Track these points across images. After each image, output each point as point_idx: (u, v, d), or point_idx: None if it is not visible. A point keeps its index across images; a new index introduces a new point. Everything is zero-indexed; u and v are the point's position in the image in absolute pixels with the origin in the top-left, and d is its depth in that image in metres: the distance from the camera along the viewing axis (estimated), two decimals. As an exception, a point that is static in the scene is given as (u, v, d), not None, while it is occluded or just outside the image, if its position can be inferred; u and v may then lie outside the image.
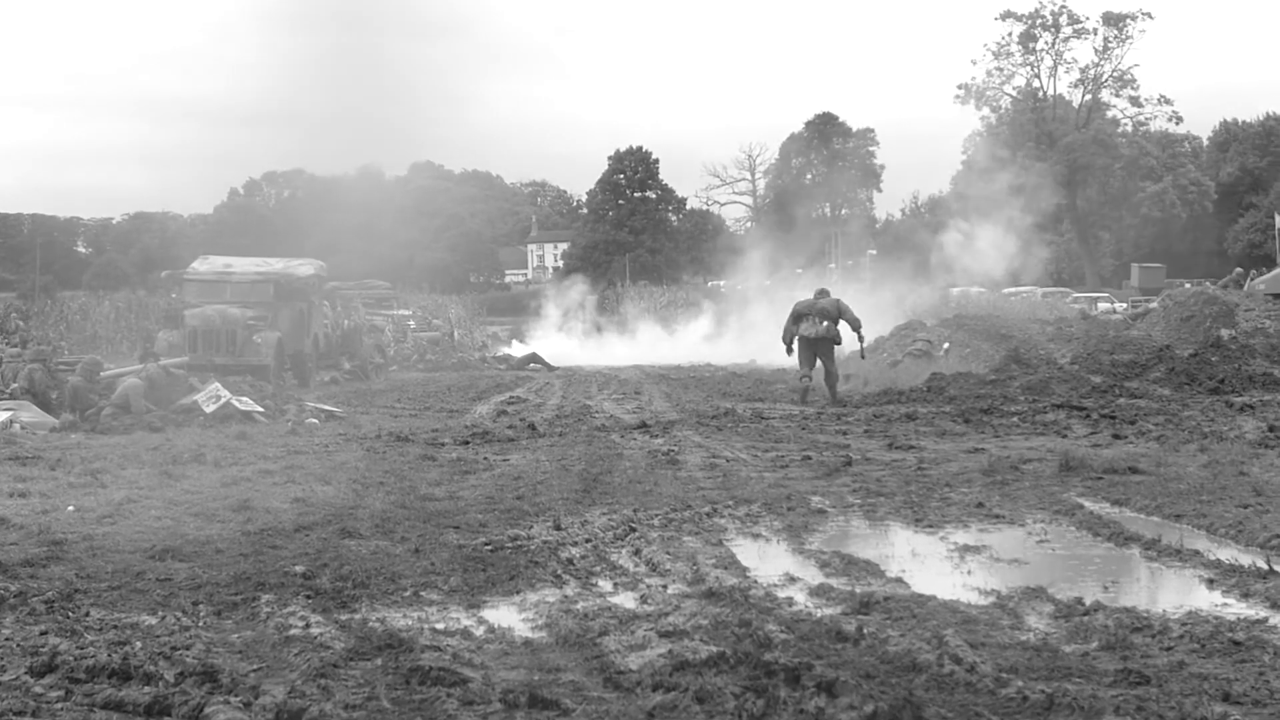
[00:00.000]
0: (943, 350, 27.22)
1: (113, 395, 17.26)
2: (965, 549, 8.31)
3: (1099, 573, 7.68)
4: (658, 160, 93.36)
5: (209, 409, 16.95)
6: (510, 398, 22.63)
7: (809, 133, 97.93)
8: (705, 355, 36.42)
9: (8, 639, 5.99)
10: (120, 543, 8.44)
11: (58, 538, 8.54)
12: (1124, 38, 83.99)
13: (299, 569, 7.52)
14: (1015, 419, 16.65)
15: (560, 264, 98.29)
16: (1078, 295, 58.20)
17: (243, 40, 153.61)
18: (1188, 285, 48.62)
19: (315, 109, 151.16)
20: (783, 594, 6.97)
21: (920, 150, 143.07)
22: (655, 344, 41.10)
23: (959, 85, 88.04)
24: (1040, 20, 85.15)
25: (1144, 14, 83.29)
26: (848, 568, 7.62)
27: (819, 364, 20.55)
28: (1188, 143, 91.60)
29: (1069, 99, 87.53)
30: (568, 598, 6.92)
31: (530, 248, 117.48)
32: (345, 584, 7.18)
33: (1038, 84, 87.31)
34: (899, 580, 7.27)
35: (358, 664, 5.59)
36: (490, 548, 8.25)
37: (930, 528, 9.15)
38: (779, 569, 7.68)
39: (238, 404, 17.39)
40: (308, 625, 6.27)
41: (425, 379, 29.19)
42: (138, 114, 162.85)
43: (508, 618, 6.55)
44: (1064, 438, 14.56)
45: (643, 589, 7.12)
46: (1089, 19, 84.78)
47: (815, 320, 20.58)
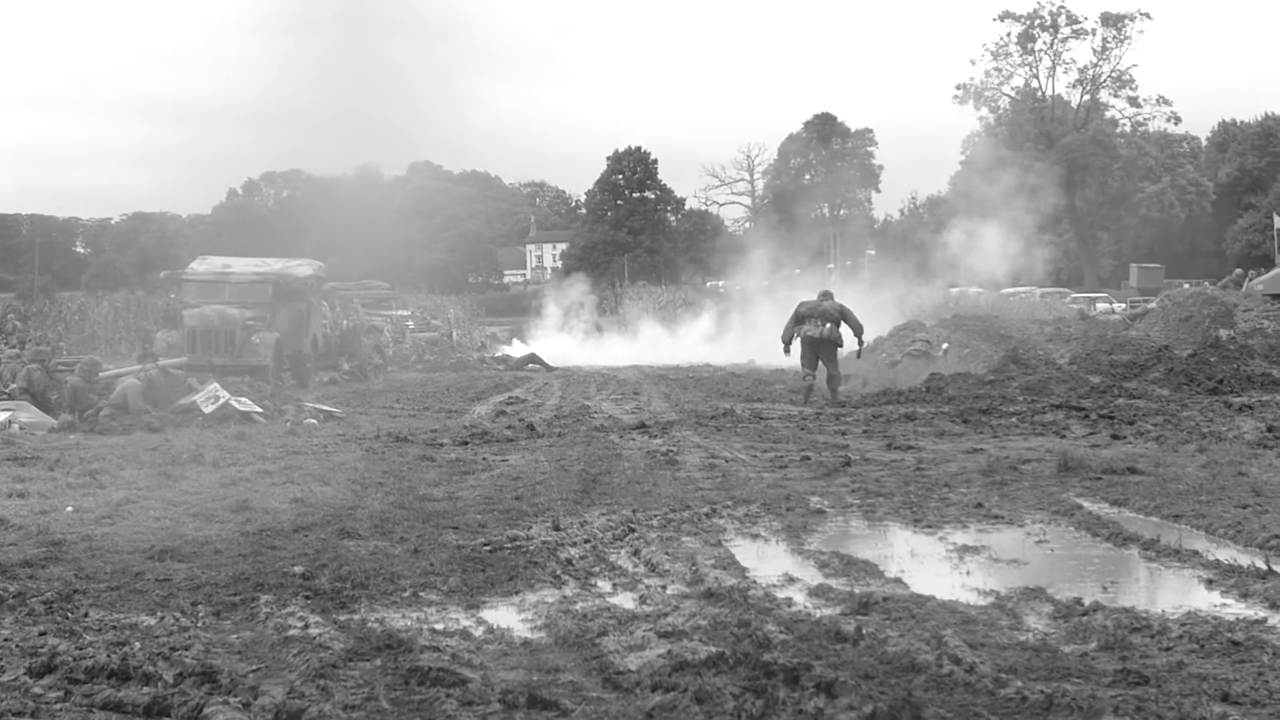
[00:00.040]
0: (941, 351, 27.23)
1: (111, 396, 17.27)
2: (964, 549, 8.31)
3: (1098, 573, 7.69)
4: (656, 160, 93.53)
5: (208, 409, 16.96)
6: (509, 398, 22.63)
7: (808, 133, 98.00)
8: (706, 356, 36.37)
9: (7, 640, 5.99)
10: (119, 543, 8.44)
11: (56, 538, 8.54)
12: (1122, 38, 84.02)
13: (298, 569, 7.52)
14: (1014, 419, 16.65)
15: (559, 264, 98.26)
16: (1076, 296, 58.21)
17: (241, 40, 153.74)
18: (1186, 286, 48.67)
19: (314, 109, 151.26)
20: (782, 594, 6.97)
21: (919, 150, 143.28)
22: (655, 344, 41.04)
23: (957, 85, 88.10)
24: (1039, 21, 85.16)
25: (1142, 14, 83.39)
26: (847, 568, 7.62)
27: (820, 365, 20.63)
28: (1186, 143, 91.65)
29: (1067, 99, 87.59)
30: (567, 598, 6.92)
31: (529, 248, 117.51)
32: (344, 584, 7.18)
33: (1036, 84, 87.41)
34: (898, 581, 7.28)
35: (357, 664, 5.59)
36: (489, 548, 8.25)
37: (929, 528, 9.15)
38: (778, 569, 7.68)
39: (236, 404, 17.39)
40: (307, 626, 6.27)
41: (424, 379, 29.18)
42: (137, 114, 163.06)
43: (507, 618, 6.55)
44: (1063, 438, 14.57)
45: (642, 589, 7.12)
46: (1087, 19, 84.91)
47: (818, 322, 20.61)
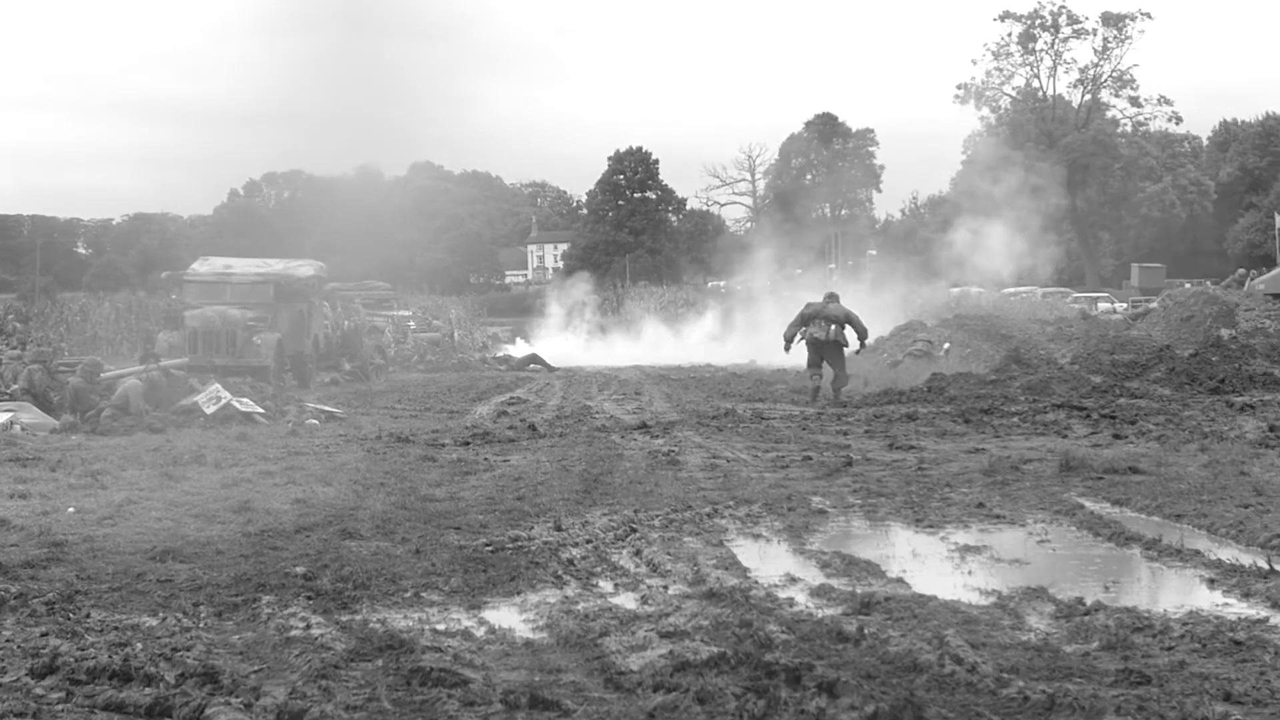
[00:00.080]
0: (943, 350, 27.23)
1: (112, 397, 17.27)
2: (966, 549, 8.31)
3: (1100, 573, 7.69)
4: (657, 161, 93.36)
5: (209, 410, 16.96)
6: (510, 398, 22.63)
7: (809, 133, 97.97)
8: (710, 356, 36.39)
9: (8, 640, 5.99)
10: (121, 544, 8.45)
11: (58, 539, 8.54)
12: (1123, 38, 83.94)
13: (300, 570, 7.52)
14: (1015, 419, 16.65)
15: (560, 265, 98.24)
16: (1078, 295, 58.20)
17: (242, 41, 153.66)
18: (1188, 285, 48.65)
19: (314, 109, 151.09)
20: (783, 594, 6.97)
21: (920, 150, 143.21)
22: (659, 344, 41.02)
23: (958, 85, 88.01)
24: (1039, 20, 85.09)
25: (1143, 14, 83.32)
26: (848, 568, 7.62)
27: (826, 367, 20.72)
28: (1187, 143, 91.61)
29: (1068, 99, 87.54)
30: (568, 598, 6.92)
31: (530, 248, 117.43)
32: (346, 585, 7.18)
33: (1037, 84, 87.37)
34: (900, 580, 7.28)
35: (359, 665, 5.59)
36: (491, 549, 8.26)
37: (931, 528, 9.15)
38: (780, 569, 7.68)
39: (238, 405, 17.40)
40: (308, 626, 6.27)
41: (425, 380, 29.19)
42: (137, 115, 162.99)
43: (509, 618, 6.55)
44: (1064, 438, 14.57)
45: (643, 590, 7.12)
46: (1088, 19, 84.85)
47: (823, 324, 20.65)
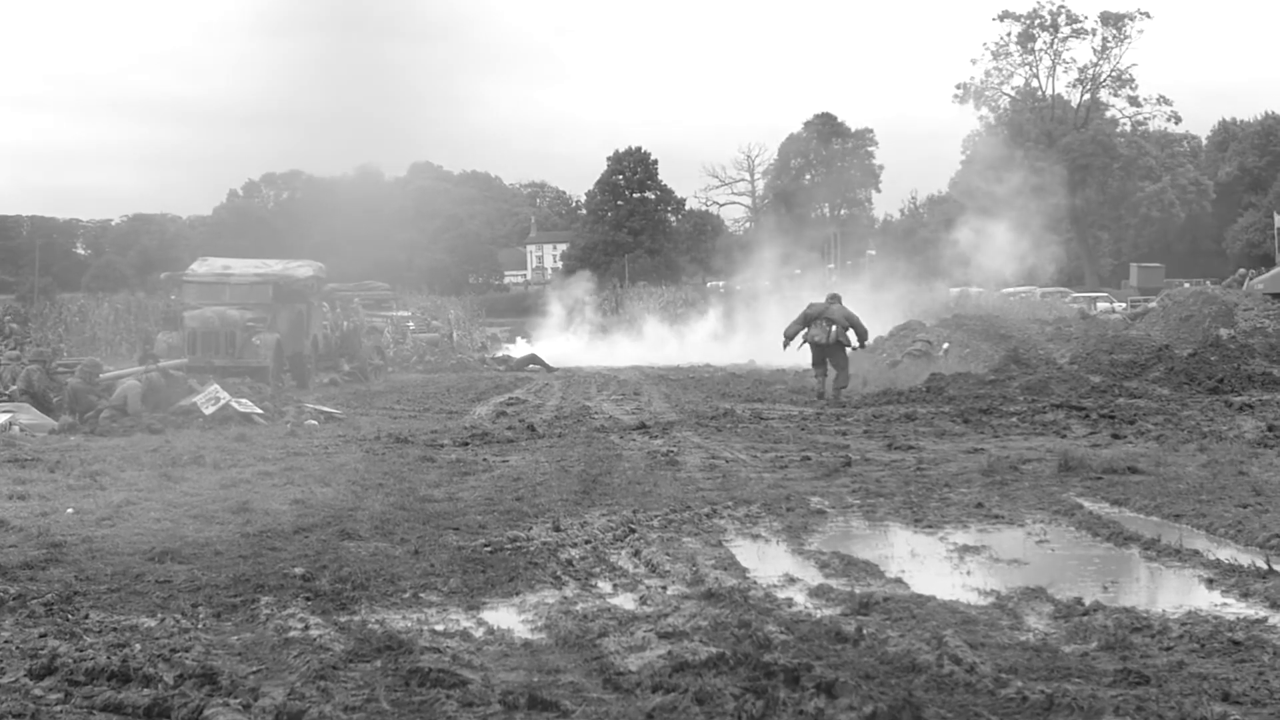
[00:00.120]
0: (942, 350, 27.22)
1: (111, 397, 17.27)
2: (964, 549, 8.31)
3: (1098, 573, 7.69)
4: (656, 161, 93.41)
5: (208, 411, 16.96)
6: (509, 399, 22.63)
7: (808, 133, 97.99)
8: (713, 356, 36.40)
9: (7, 641, 5.99)
10: (119, 545, 8.44)
11: (57, 540, 8.54)
12: (1122, 37, 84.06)
13: (298, 571, 7.52)
14: (1014, 419, 16.65)
15: (559, 265, 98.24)
16: (1077, 295, 58.24)
17: (241, 41, 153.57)
18: (1187, 285, 48.69)
19: (314, 110, 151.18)
20: (782, 595, 6.97)
21: (919, 150, 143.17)
22: (660, 345, 41.02)
23: (957, 85, 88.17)
24: (1039, 20, 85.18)
25: (1142, 13, 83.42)
26: (847, 568, 7.62)
27: (829, 367, 20.79)
28: (1186, 142, 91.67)
29: (1067, 99, 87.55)
30: (567, 599, 6.92)
31: (529, 249, 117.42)
32: (345, 586, 7.18)
33: (1036, 84, 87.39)
34: (898, 581, 7.28)
35: (357, 666, 5.59)
36: (490, 549, 8.26)
37: (929, 528, 9.15)
38: (778, 570, 7.68)
39: (237, 406, 17.39)
40: (307, 627, 6.27)
41: (424, 380, 29.18)
42: (136, 115, 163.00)
43: (507, 619, 6.55)
44: (1063, 438, 14.57)
45: (642, 590, 7.12)
46: (1087, 19, 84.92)
47: (824, 325, 20.68)
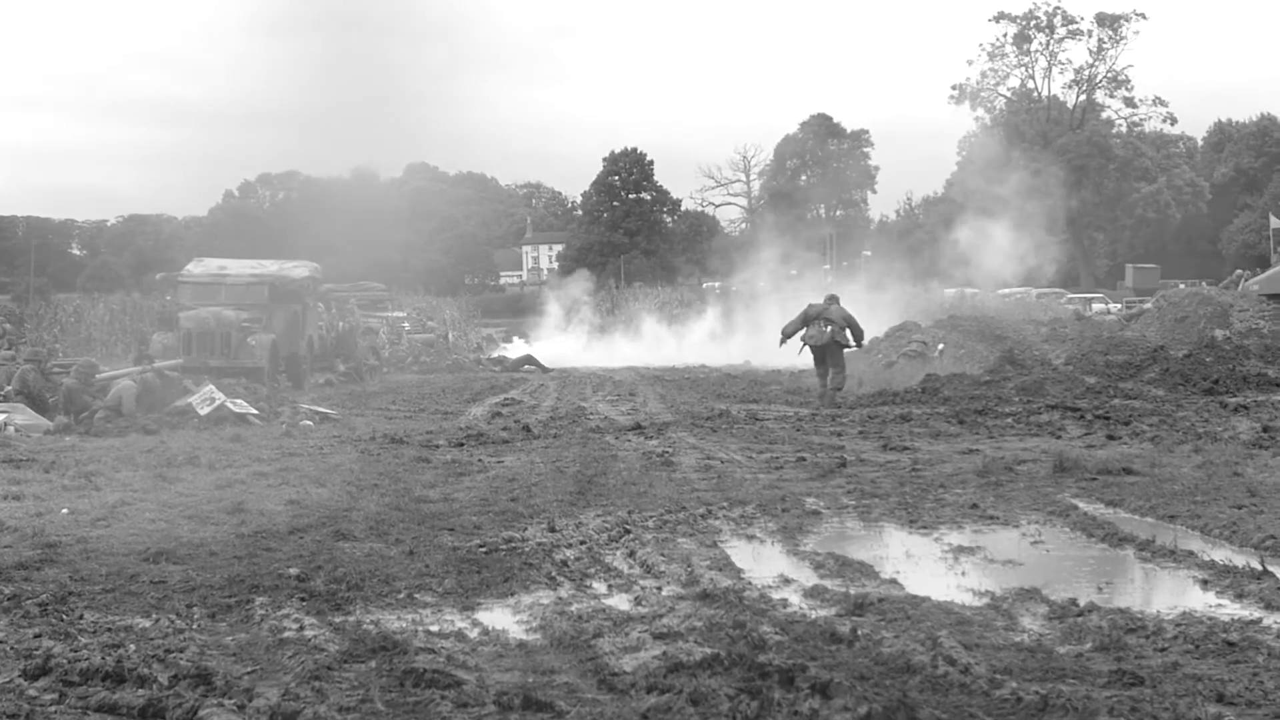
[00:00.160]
0: (937, 351, 27.24)
1: (106, 398, 17.26)
2: (959, 550, 8.32)
3: (1093, 574, 7.69)
4: (652, 162, 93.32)
5: (204, 411, 16.94)
6: (505, 400, 22.64)
7: (804, 134, 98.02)
8: (711, 356, 36.42)
9: (2, 642, 5.99)
10: (114, 545, 8.44)
11: (52, 540, 8.53)
12: (1118, 38, 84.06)
13: (293, 571, 7.51)
14: (1010, 420, 16.66)
15: (555, 265, 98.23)
16: (1072, 296, 58.28)
17: (238, 41, 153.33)
18: (1182, 286, 48.71)
19: (311, 110, 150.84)
20: (777, 595, 6.97)
21: (915, 151, 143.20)
22: (658, 345, 41.03)
23: (953, 86, 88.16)
24: (1034, 21, 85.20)
25: (1138, 14, 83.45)
26: (842, 569, 7.62)
27: (828, 367, 20.81)
28: (1182, 143, 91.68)
29: (1063, 100, 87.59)
30: (562, 600, 6.92)
31: (525, 249, 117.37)
32: (339, 586, 7.18)
33: (1032, 85, 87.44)
34: (893, 582, 7.28)
35: (352, 666, 5.58)
36: (485, 550, 8.25)
37: (925, 529, 9.15)
38: (773, 570, 7.68)
39: (232, 406, 17.38)
40: (302, 628, 6.27)
41: (420, 381, 29.18)
42: (132, 116, 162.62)
43: (502, 620, 6.54)
44: (1058, 439, 14.58)
45: (637, 591, 7.12)
46: (1083, 20, 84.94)
47: (821, 325, 20.68)
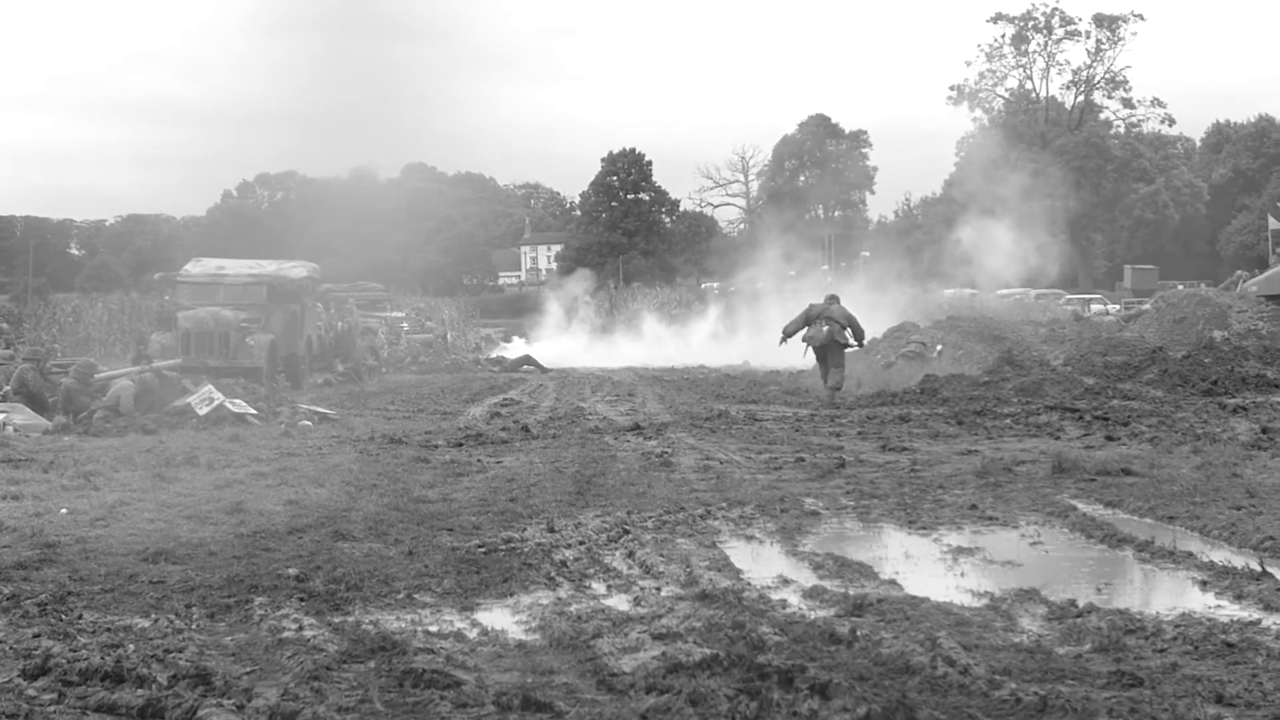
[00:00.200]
0: (936, 352, 27.24)
1: (104, 398, 17.26)
2: (958, 551, 8.32)
3: (1092, 575, 7.69)
4: (651, 162, 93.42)
5: (202, 411, 16.94)
6: (504, 400, 22.64)
7: (802, 134, 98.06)
8: (712, 356, 36.42)
9: (1, 641, 5.98)
10: (113, 545, 8.43)
11: (50, 540, 8.52)
12: (1116, 39, 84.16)
13: (292, 571, 7.51)
14: (1008, 421, 16.66)
15: (554, 266, 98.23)
16: (1071, 297, 58.29)
17: (237, 41, 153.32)
18: (1180, 287, 48.72)
19: (309, 110, 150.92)
20: (776, 596, 6.97)
21: (913, 152, 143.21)
22: (659, 345, 41.03)
23: (951, 87, 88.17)
24: (1032, 22, 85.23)
25: (1135, 15, 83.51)
26: (841, 570, 7.62)
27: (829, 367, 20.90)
28: (1180, 144, 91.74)
29: (1061, 101, 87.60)
30: (561, 600, 6.92)
31: (524, 250, 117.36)
32: (338, 586, 7.17)
33: (1030, 86, 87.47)
34: (892, 582, 7.28)
35: (351, 666, 5.58)
36: (484, 550, 8.25)
37: (924, 530, 9.15)
38: (772, 571, 7.68)
39: (231, 406, 17.38)
40: (301, 628, 6.26)
41: (418, 381, 29.18)
42: (131, 116, 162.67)
43: (501, 620, 6.54)
44: (1057, 439, 14.58)
45: (636, 591, 7.12)
46: (1081, 21, 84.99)
47: (821, 324, 20.71)
